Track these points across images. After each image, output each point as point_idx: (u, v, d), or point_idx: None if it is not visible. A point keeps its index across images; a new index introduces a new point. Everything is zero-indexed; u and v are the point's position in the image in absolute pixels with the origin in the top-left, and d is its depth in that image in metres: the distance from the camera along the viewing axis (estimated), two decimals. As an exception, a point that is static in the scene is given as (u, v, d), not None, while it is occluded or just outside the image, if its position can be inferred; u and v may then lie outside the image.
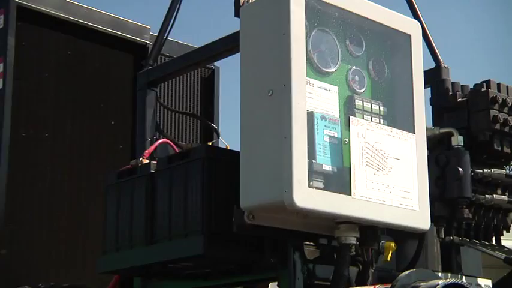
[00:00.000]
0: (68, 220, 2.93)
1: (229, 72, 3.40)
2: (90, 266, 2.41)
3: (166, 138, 2.66)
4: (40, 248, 2.84)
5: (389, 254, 2.05)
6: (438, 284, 1.53)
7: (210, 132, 3.22)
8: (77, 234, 2.92)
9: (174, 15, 2.77)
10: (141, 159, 2.29)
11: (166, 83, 3.12)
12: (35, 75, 2.98)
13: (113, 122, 3.13)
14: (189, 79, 3.30)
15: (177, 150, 2.48)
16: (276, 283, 2.19)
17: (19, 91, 2.89)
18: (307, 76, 1.89)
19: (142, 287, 2.41)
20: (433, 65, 2.69)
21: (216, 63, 3.32)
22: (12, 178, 2.80)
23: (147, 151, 2.39)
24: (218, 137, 3.13)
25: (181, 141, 3.09)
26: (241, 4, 2.18)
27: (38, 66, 2.99)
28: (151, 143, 2.58)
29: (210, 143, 3.01)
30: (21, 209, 2.83)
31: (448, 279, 1.58)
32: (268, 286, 2.47)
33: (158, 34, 2.80)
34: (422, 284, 1.56)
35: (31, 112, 2.94)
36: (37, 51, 3.00)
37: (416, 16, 2.69)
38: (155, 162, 2.22)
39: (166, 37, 2.80)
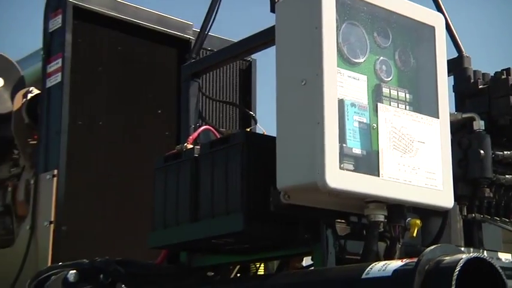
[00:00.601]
0: (121, 200, 2.94)
1: (265, 63, 3.38)
2: (141, 242, 2.42)
3: (209, 125, 2.65)
4: (95, 225, 2.87)
5: (415, 231, 2.02)
6: (462, 258, 1.49)
7: (248, 119, 3.21)
8: (128, 212, 2.94)
9: (214, 13, 2.75)
10: (185, 144, 2.28)
11: (207, 74, 3.11)
12: (89, 69, 2.99)
13: (159, 111, 3.13)
14: (228, 71, 3.28)
15: (218, 136, 2.47)
16: (310, 257, 2.18)
17: (76, 84, 2.91)
18: (337, 66, 1.86)
19: (188, 261, 2.41)
20: (455, 54, 2.63)
21: (253, 56, 3.30)
22: (70, 162, 2.82)
23: (191, 137, 2.39)
24: (255, 123, 3.11)
25: (222, 128, 3.08)
26: (276, 0, 2.15)
27: (92, 61, 3.01)
28: (195, 130, 2.57)
29: (248, 129, 3.00)
30: (79, 190, 2.85)
31: (471, 254, 1.54)
32: (302, 260, 2.46)
33: (200, 30, 2.79)
34: (446, 258, 1.52)
35: (86, 102, 2.96)
36: (91, 48, 3.01)
37: (439, 9, 2.63)
38: (198, 147, 2.21)
39: (208, 33, 2.78)
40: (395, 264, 1.57)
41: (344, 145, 1.82)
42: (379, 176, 1.86)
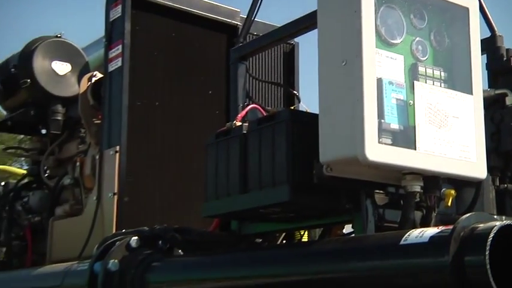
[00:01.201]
0: (176, 173, 2.97)
1: (307, 46, 3.34)
2: (195, 211, 2.44)
3: (256, 104, 2.64)
4: (154, 196, 2.91)
5: (450, 200, 1.98)
6: (496, 225, 1.45)
7: (292, 98, 3.19)
8: (183, 185, 2.97)
9: (260, 1, 2.73)
10: (234, 122, 2.28)
11: (254, 57, 3.09)
12: (147, 54, 3.01)
13: (210, 92, 3.14)
14: (273, 53, 3.26)
15: (265, 114, 2.46)
16: (351, 225, 2.17)
17: (135, 68, 2.94)
18: (376, 47, 1.83)
19: (238, 229, 2.43)
20: (488, 34, 2.55)
21: (296, 39, 3.26)
22: (130, 139, 2.86)
23: (239, 115, 2.39)
24: (299, 102, 3.09)
25: (268, 106, 3.07)
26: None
27: (149, 47, 3.02)
28: (243, 109, 2.56)
29: (293, 107, 2.98)
30: (138, 164, 2.89)
31: (505, 221, 1.50)
32: (343, 228, 2.45)
33: (247, 17, 2.77)
34: (481, 225, 1.49)
35: (144, 85, 2.99)
36: (148, 35, 3.03)
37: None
38: (247, 124, 2.21)
39: (254, 19, 2.77)
40: (432, 231, 1.55)
41: (382, 121, 1.80)
42: (415, 149, 1.83)
